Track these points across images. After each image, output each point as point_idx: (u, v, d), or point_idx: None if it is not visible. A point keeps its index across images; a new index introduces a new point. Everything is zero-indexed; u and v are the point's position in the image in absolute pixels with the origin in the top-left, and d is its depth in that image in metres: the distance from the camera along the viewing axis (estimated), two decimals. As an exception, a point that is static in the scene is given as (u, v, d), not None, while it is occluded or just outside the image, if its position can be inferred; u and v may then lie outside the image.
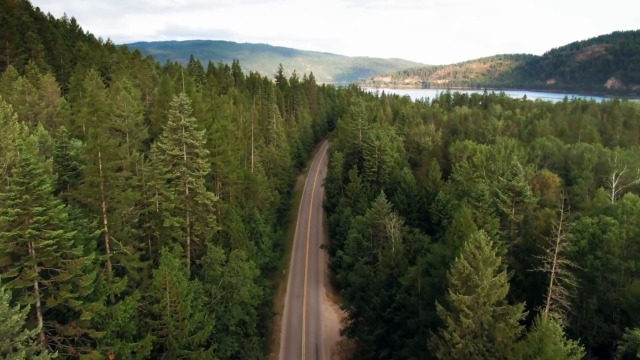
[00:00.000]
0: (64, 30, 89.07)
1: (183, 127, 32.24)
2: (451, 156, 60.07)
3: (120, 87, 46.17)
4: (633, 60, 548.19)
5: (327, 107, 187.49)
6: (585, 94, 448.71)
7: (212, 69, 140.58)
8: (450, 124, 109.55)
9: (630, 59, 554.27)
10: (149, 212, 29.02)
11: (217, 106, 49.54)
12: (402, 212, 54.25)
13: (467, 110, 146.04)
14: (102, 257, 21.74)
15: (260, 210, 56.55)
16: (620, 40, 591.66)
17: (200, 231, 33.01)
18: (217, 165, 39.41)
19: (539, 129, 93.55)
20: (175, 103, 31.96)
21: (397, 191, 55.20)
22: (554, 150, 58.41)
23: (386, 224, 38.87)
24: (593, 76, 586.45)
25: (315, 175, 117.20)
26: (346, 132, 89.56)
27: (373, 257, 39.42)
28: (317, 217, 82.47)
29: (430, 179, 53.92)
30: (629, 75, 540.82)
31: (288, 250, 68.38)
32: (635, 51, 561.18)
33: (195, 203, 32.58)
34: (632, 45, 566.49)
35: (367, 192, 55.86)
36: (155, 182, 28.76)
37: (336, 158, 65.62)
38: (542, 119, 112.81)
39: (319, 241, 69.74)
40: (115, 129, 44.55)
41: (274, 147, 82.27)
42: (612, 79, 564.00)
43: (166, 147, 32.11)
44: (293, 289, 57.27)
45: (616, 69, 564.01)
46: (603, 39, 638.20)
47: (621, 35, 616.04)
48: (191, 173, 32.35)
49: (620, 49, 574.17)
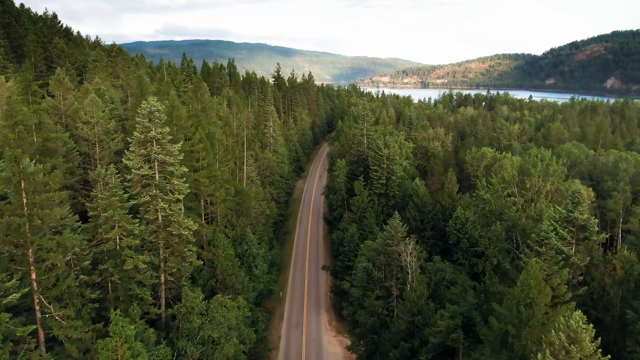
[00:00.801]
0: (44, 26, 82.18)
1: (153, 139, 25.80)
2: (467, 165, 53.80)
3: (89, 89, 39.56)
4: (633, 60, 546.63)
5: (327, 108, 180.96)
6: (585, 94, 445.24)
7: (206, 69, 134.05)
8: (458, 126, 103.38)
9: (630, 59, 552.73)
10: (106, 250, 22.60)
11: (204, 110, 43.11)
12: (414, 229, 47.95)
13: (472, 111, 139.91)
14: (21, 331, 15.26)
15: (254, 227, 50.18)
16: (620, 40, 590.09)
17: (175, 268, 26.58)
18: (200, 182, 33.00)
19: (554, 132, 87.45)
20: (144, 110, 25.50)
21: (408, 206, 48.97)
22: (581, 158, 52.28)
23: (401, 251, 32.69)
24: (593, 76, 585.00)
25: (315, 181, 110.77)
26: (348, 136, 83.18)
27: (386, 291, 33.22)
28: (317, 228, 76.05)
29: (446, 193, 47.66)
30: (628, 75, 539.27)
31: (286, 267, 61.97)
32: (635, 51, 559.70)
33: (169, 234, 26.15)
34: (632, 45, 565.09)
35: (375, 206, 49.54)
36: (114, 211, 22.32)
37: (338, 166, 59.22)
38: (554, 121, 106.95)
39: (320, 258, 63.33)
40: (84, 139, 38.06)
41: (270, 152, 75.81)
42: (612, 79, 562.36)
43: (132, 164, 25.67)
44: (291, 315, 50.78)
45: (616, 69, 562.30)
46: (602, 39, 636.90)
47: (620, 35, 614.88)
48: (164, 197, 25.92)
49: (619, 49, 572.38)
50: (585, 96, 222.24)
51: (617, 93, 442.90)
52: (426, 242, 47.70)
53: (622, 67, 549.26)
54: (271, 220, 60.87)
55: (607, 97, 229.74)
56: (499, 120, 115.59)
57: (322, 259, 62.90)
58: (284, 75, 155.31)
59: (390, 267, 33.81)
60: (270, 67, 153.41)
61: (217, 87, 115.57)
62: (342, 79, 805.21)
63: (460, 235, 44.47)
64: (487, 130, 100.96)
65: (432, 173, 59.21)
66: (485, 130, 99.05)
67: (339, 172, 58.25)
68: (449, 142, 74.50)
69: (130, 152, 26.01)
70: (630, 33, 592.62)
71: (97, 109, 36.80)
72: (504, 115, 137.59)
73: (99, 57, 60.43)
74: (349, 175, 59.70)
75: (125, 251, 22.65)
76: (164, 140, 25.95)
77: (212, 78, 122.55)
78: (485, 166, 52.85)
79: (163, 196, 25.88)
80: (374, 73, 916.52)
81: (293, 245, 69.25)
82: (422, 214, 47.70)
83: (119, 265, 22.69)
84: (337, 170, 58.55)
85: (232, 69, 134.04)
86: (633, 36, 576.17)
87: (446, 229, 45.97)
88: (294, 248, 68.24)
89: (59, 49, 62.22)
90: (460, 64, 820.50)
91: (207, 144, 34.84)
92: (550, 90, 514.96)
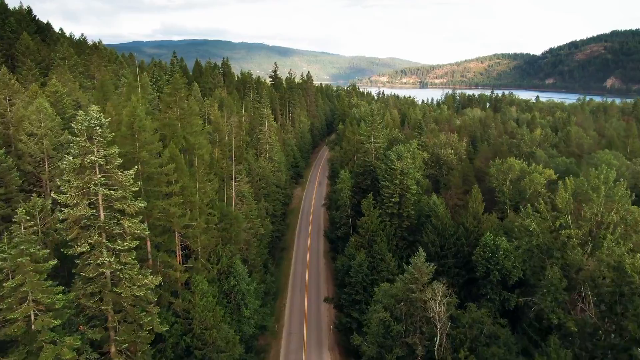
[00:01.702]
0: (15, 20, 74.30)
1: (95, 164, 18.43)
2: (490, 178, 46.57)
3: (37, 92, 32.02)
4: (633, 60, 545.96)
5: (326, 109, 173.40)
6: (585, 94, 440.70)
7: (198, 68, 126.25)
8: (468, 130, 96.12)
9: (629, 58, 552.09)
10: (13, 334, 15.18)
11: (184, 117, 35.71)
12: (433, 256, 40.73)
13: (480, 113, 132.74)
14: None
15: (246, 252, 42.81)
16: (620, 40, 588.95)
17: (127, 342, 19.19)
18: (170, 212, 25.61)
19: (573, 137, 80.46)
20: (81, 124, 18.12)
21: (425, 228, 41.78)
22: (622, 171, 45.29)
23: (428, 299, 25.58)
24: (592, 75, 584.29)
25: (315, 188, 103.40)
26: (352, 142, 75.88)
27: (408, 349, 26.05)
28: (317, 245, 68.69)
29: (470, 213, 40.49)
30: (628, 75, 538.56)
31: (282, 292, 54.58)
32: (635, 50, 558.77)
33: (117, 295, 18.78)
34: (632, 45, 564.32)
35: (386, 228, 42.21)
36: (25, 276, 14.96)
37: (342, 179, 51.81)
38: (570, 125, 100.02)
39: (321, 282, 55.92)
40: (29, 154, 30.56)
41: (265, 161, 68.38)
42: (612, 79, 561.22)
43: (65, 199, 18.30)
44: (288, 354, 43.40)
45: (616, 68, 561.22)
46: (602, 38, 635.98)
47: (620, 34, 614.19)
48: (110, 245, 18.55)
49: (619, 48, 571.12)
50: (592, 96, 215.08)
51: (618, 93, 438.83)
52: (447, 272, 40.51)
53: (622, 67, 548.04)
54: (266, 239, 53.53)
55: (608, 97, 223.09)
56: (510, 123, 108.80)
57: (324, 284, 55.53)
58: (282, 75, 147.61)
59: (413, 318, 26.64)
60: (268, 67, 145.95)
61: (209, 88, 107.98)
62: (340, 78, 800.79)
63: (489, 266, 37.34)
64: (499, 133, 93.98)
65: (449, 187, 52.04)
66: (497, 134, 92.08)
67: (343, 185, 50.87)
68: (462, 149, 67.30)
69: (64, 183, 18.59)
70: (630, 33, 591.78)
71: (44, 118, 29.34)
72: (513, 117, 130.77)
73: (67, 54, 52.70)
74: (354, 189, 52.43)
75: (44, 335, 15.27)
76: (109, 166, 18.56)
77: (205, 78, 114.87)
78: (511, 180, 45.75)
79: (109, 244, 18.49)
80: (372, 73, 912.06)
81: (291, 265, 61.84)
82: (442, 238, 40.52)
83: (35, 353, 15.33)
84: (341, 183, 51.17)
85: (227, 68, 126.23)
86: (633, 36, 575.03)
87: (472, 257, 38.86)
88: (291, 268, 60.82)
89: (24, 46, 54.55)
90: (459, 64, 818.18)
91: (182, 161, 27.43)
92: (549, 90, 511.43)
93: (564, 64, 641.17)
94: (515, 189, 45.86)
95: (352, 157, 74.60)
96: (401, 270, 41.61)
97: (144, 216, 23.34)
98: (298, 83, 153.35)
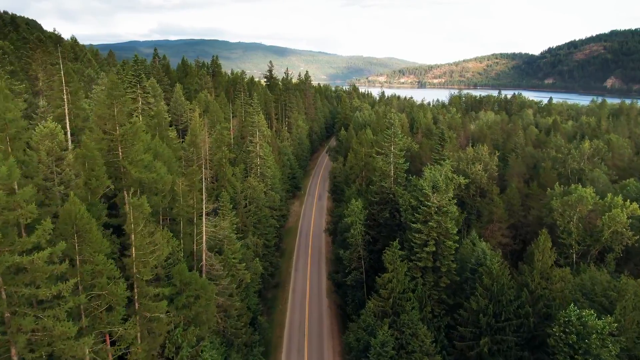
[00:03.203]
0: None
1: None
2: (554, 214, 34.75)
3: None
4: (633, 59, 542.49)
5: (325, 111, 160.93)
6: (585, 94, 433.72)
7: (184, 67, 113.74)
8: (491, 138, 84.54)
9: (629, 58, 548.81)
10: None
11: (124, 138, 23.73)
12: (485, 329, 29.09)
13: (494, 117, 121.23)
14: None
15: (220, 325, 30.83)
16: (619, 39, 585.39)
17: None
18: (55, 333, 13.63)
19: (616, 147, 69.24)
20: None
21: (473, 289, 30.09)
22: None
23: None
24: (592, 75, 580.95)
25: (314, 202, 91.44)
26: (359, 155, 64.10)
27: None
28: (318, 280, 56.82)
29: (536, 270, 28.83)
30: (629, 75, 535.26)
31: (277, 347, 42.68)
32: (635, 50, 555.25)
33: None
34: (632, 44, 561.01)
35: (419, 289, 30.34)
36: None
37: (352, 209, 39.66)
38: (601, 131, 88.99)
39: (324, 343, 43.88)
40: None
41: (256, 179, 56.39)
42: (612, 78, 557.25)
43: None
44: None
45: (615, 68, 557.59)
46: (601, 38, 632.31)
47: (619, 34, 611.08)
48: None
49: (619, 48, 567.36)
50: (592, 96, 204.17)
51: (618, 93, 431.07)
52: (506, 354, 28.85)
53: (622, 67, 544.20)
54: (254, 288, 41.56)
55: (609, 97, 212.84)
56: (532, 129, 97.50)
57: (328, 339, 43.56)
58: (278, 75, 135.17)
59: None
60: (265, 67, 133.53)
61: (195, 90, 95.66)
62: (338, 78, 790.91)
63: (574, 354, 25.68)
64: (526, 142, 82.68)
65: (490, 219, 40.33)
66: (524, 144, 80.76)
67: (354, 218, 38.83)
68: (494, 164, 55.61)
69: None
70: (630, 32, 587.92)
71: None
72: (531, 121, 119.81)
73: None
74: (367, 222, 40.48)
75: None
76: None
77: (190, 79, 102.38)
78: (578, 217, 34.15)
79: None
80: (370, 73, 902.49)
81: (286, 311, 49.87)
82: (497, 305, 28.96)
83: None
84: (351, 216, 39.15)
85: (216, 67, 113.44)
86: (632, 35, 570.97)
87: (544, 335, 27.23)
88: (287, 315, 48.82)
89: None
90: (457, 64, 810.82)
91: (93, 230, 15.49)
92: (549, 90, 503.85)
93: (563, 63, 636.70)
94: (584, 227, 34.40)
95: (359, 174, 62.84)
96: (438, 348, 29.88)
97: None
98: (295, 83, 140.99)
